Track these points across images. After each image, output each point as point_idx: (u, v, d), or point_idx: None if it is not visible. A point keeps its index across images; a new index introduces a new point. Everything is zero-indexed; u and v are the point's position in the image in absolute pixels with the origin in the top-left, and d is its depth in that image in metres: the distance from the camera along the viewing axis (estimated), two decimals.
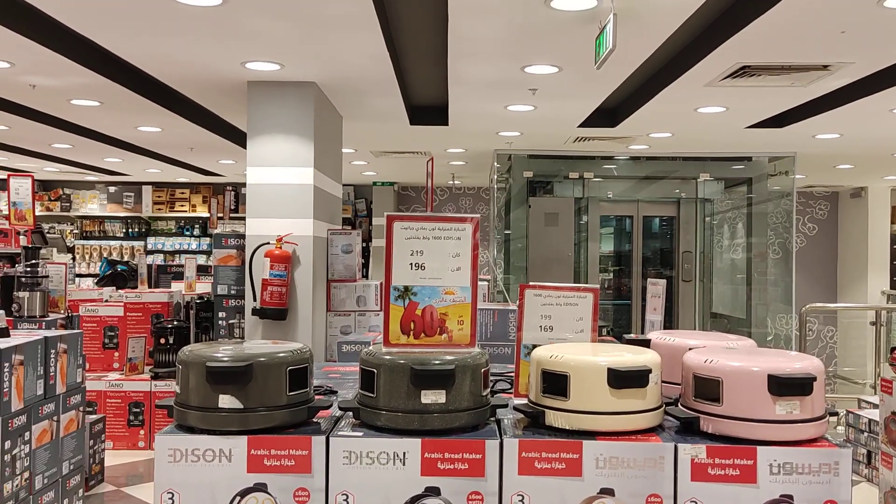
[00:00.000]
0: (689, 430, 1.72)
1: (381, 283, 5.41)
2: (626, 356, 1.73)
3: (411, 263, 1.80)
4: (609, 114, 6.27)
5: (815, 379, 1.65)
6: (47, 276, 4.29)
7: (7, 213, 5.08)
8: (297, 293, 4.91)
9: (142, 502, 4.31)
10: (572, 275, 8.16)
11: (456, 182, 11.30)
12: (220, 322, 5.28)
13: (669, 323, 8.54)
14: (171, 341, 5.34)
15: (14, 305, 4.15)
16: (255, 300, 4.87)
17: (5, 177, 4.98)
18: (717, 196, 8.92)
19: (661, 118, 6.06)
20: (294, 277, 4.90)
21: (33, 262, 4.21)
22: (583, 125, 6.43)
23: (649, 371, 1.69)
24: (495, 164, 8.27)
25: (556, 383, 1.72)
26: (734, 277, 9.15)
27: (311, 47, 4.18)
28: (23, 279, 4.18)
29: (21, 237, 5.33)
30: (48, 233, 10.39)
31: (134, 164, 9.28)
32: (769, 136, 6.77)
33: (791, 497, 1.61)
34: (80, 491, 3.70)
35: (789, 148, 7.62)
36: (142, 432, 5.30)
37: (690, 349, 1.87)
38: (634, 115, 5.87)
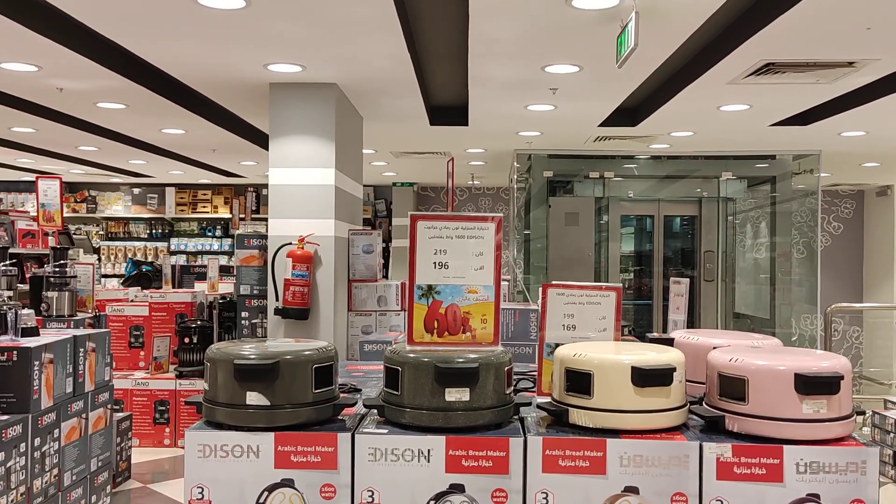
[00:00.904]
0: (713, 428, 1.72)
1: (402, 284, 5.44)
2: (650, 355, 1.73)
3: (435, 262, 1.81)
4: (630, 113, 6.25)
5: (842, 378, 1.63)
6: (75, 277, 4.36)
7: (35, 214, 5.17)
8: (319, 293, 4.94)
9: (167, 499, 4.36)
10: (593, 275, 8.13)
11: (475, 182, 11.31)
12: (242, 322, 5.34)
13: (691, 323, 8.48)
14: (195, 341, 5.41)
15: (43, 305, 4.22)
16: (277, 300, 4.92)
17: (33, 179, 5.07)
18: (739, 195, 8.83)
19: (683, 117, 6.02)
20: (316, 277, 4.93)
21: (61, 262, 4.29)
22: (603, 124, 6.40)
23: (673, 369, 1.69)
24: (515, 163, 8.27)
25: (579, 381, 1.72)
26: (757, 277, 9.06)
27: (332, 49, 4.21)
28: (51, 279, 4.25)
29: (49, 238, 5.42)
30: (74, 234, 10.54)
31: (157, 165, 9.40)
32: (793, 133, 6.70)
33: (818, 496, 1.60)
34: (108, 487, 3.76)
35: (814, 146, 7.53)
36: (167, 430, 5.37)
37: (715, 348, 1.86)
38: (655, 114, 5.84)
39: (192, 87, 5.28)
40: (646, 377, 1.67)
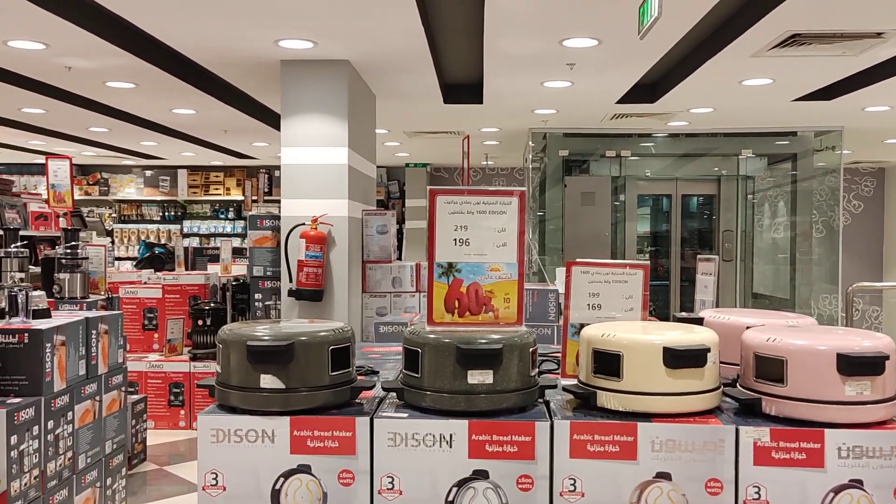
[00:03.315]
0: (749, 411, 1.64)
1: (417, 265, 5.36)
2: (682, 335, 1.65)
3: (455, 239, 1.73)
4: (649, 89, 6.11)
5: (887, 357, 1.55)
6: (87, 258, 4.32)
7: (47, 196, 5.12)
8: (333, 274, 4.88)
9: (183, 480, 4.35)
10: (609, 255, 8.03)
11: (489, 162, 11.19)
12: (256, 303, 5.29)
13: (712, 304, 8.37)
14: (208, 323, 5.37)
15: (55, 287, 4.18)
16: (291, 281, 4.86)
17: (44, 161, 5.02)
18: (759, 173, 8.67)
19: (704, 92, 5.88)
20: (329, 258, 4.87)
21: (73, 243, 4.24)
22: (621, 101, 6.27)
23: (707, 350, 1.61)
24: (530, 143, 8.15)
25: (608, 363, 1.65)
26: (776, 257, 8.92)
27: (345, 24, 4.11)
28: (63, 261, 4.21)
29: (61, 220, 5.38)
30: (87, 216, 10.53)
31: (169, 147, 9.35)
32: (816, 109, 6.54)
33: (861, 482, 1.52)
34: (123, 470, 3.73)
35: (837, 122, 7.36)
36: (182, 412, 5.35)
37: (748, 327, 1.78)
38: (675, 90, 5.71)
39: (202, 66, 5.20)
40: (678, 358, 1.59)
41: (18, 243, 4.32)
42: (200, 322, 5.39)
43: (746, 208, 8.54)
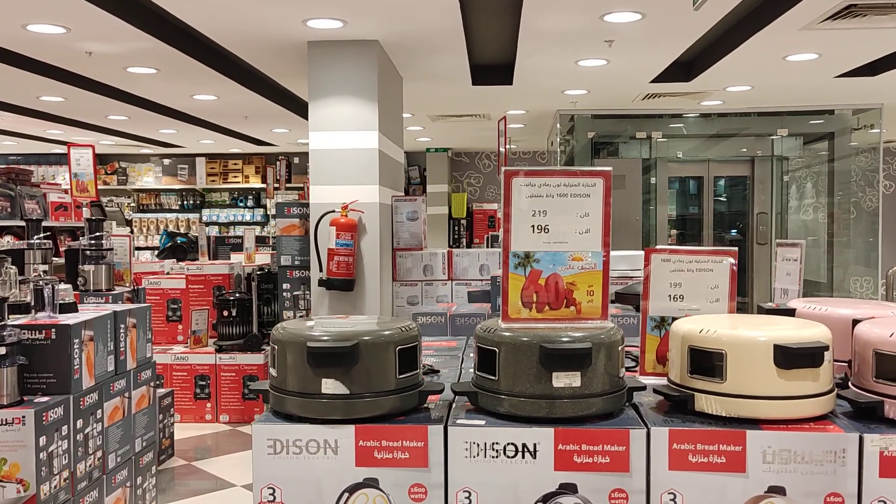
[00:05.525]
0: (867, 416, 1.45)
1: (449, 252, 5.19)
2: (795, 331, 1.47)
3: (533, 226, 1.56)
4: (685, 66, 5.87)
5: None
6: (111, 249, 4.18)
7: (68, 186, 4.98)
8: (364, 263, 4.72)
9: (212, 476, 4.23)
10: (640, 240, 7.80)
11: (511, 146, 10.97)
12: (284, 294, 5.14)
13: (743, 289, 8.15)
14: (234, 314, 5.24)
15: (80, 279, 4.05)
16: (321, 271, 4.70)
17: (64, 151, 4.88)
18: (794, 153, 8.39)
19: (744, 69, 5.64)
20: (360, 246, 4.70)
21: (97, 234, 4.10)
22: (656, 80, 6.04)
23: (825, 348, 1.43)
24: (557, 125, 7.93)
25: (707, 362, 1.47)
26: (811, 239, 8.68)
27: (375, 0, 3.92)
28: (87, 252, 4.07)
29: (82, 210, 5.25)
30: (106, 206, 10.44)
31: (188, 134, 9.21)
32: (857, 85, 6.28)
33: None
34: (153, 468, 3.61)
35: (876, 99, 7.09)
36: (208, 405, 5.23)
37: (855, 321, 1.59)
38: (714, 67, 5.47)
39: (226, 49, 5.03)
40: (793, 357, 1.40)
41: (41, 234, 4.19)
42: (226, 313, 5.26)
43: (781, 189, 8.28)
